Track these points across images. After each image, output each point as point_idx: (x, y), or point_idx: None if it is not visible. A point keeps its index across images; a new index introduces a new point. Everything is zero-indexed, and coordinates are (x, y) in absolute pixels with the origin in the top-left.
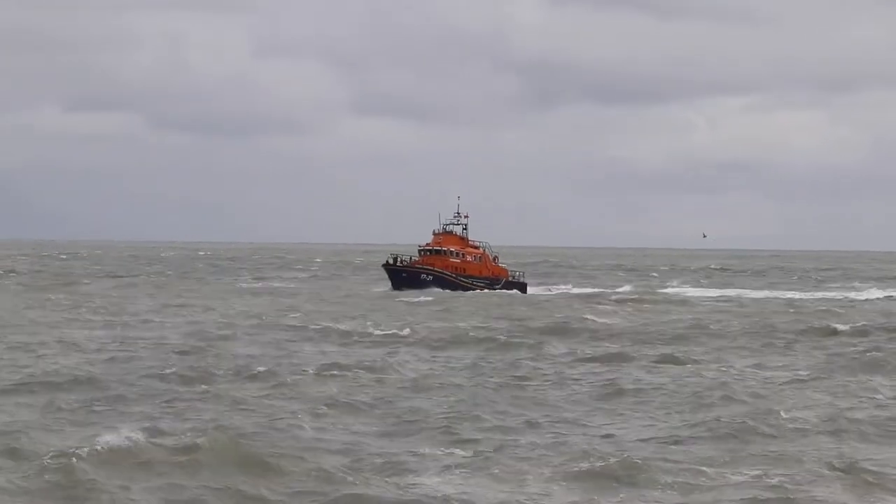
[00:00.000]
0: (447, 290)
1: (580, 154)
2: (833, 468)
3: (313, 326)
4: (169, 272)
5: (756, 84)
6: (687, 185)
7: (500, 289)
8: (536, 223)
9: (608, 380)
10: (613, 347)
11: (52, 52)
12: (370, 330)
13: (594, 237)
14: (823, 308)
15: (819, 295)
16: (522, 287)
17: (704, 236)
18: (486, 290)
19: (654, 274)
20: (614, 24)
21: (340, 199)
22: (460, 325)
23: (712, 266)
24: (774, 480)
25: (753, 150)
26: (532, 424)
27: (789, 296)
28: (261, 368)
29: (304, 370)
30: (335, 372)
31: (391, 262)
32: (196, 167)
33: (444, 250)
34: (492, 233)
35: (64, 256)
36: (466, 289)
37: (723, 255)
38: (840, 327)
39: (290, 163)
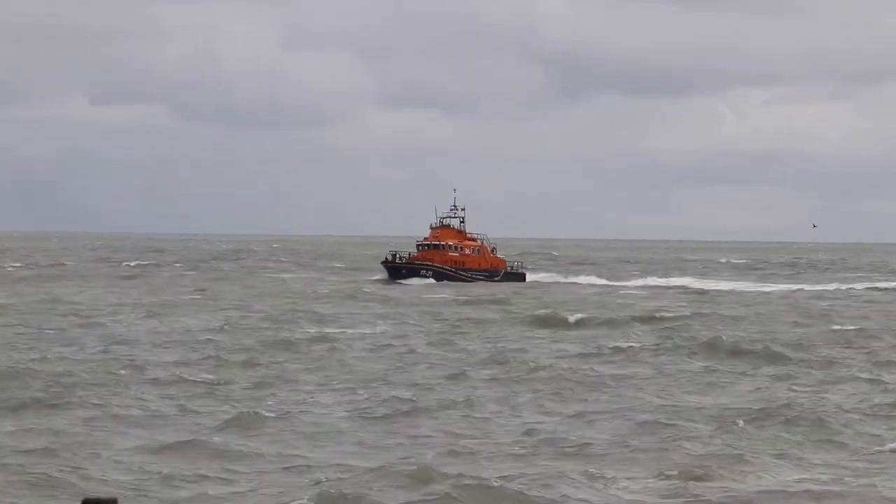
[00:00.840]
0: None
1: (606, 146)
2: None
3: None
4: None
5: (783, 76)
6: (712, 177)
7: (499, 280)
8: (560, 215)
9: None
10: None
11: (79, 44)
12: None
13: (618, 229)
14: None
15: None
16: (521, 277)
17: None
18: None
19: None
20: (641, 16)
21: (366, 190)
22: None
23: (731, 260)
24: None
25: (780, 141)
26: None
27: None
28: None
29: None
30: None
31: (390, 258)
32: (222, 159)
33: (443, 244)
34: (515, 225)
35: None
36: (465, 282)
37: (748, 248)
38: None
39: (316, 154)
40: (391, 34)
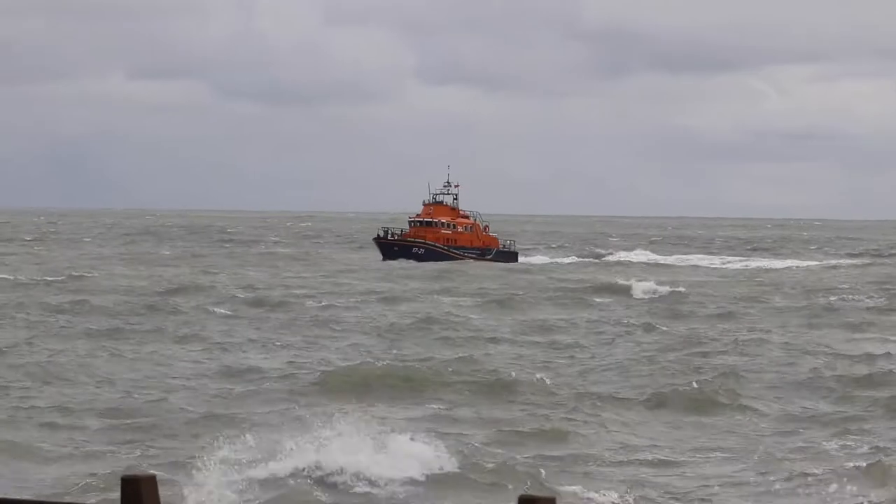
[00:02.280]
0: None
1: (647, 123)
2: None
3: None
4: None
5: (823, 52)
6: (754, 153)
7: (491, 259)
8: (598, 192)
9: None
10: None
11: (118, 20)
12: None
13: (659, 206)
14: None
15: None
16: (514, 256)
17: None
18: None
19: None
20: None
21: (406, 166)
22: None
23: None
24: None
25: (820, 118)
26: None
27: None
28: None
29: None
30: None
31: (381, 234)
32: (262, 135)
33: (435, 222)
34: (555, 201)
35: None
36: (457, 259)
37: (797, 226)
38: None
39: (357, 131)
40: (434, 10)
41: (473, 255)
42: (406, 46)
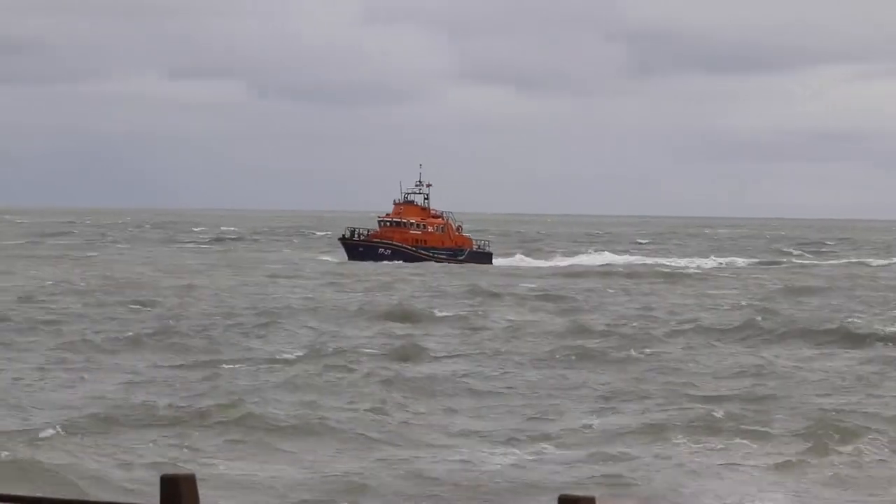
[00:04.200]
0: (408, 264)
1: (682, 123)
2: None
3: None
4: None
5: (860, 53)
6: (790, 153)
7: (463, 260)
8: (636, 192)
9: None
10: None
11: (158, 19)
12: None
13: (694, 206)
14: None
15: None
16: (488, 257)
17: None
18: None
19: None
20: None
21: (442, 166)
22: None
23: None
24: None
25: (857, 119)
26: None
27: None
28: None
29: None
30: None
31: (348, 235)
32: (298, 135)
33: (404, 222)
34: (588, 202)
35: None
36: (426, 261)
37: (826, 226)
38: None
39: (394, 130)
40: (470, 10)
41: (444, 257)
42: (443, 46)
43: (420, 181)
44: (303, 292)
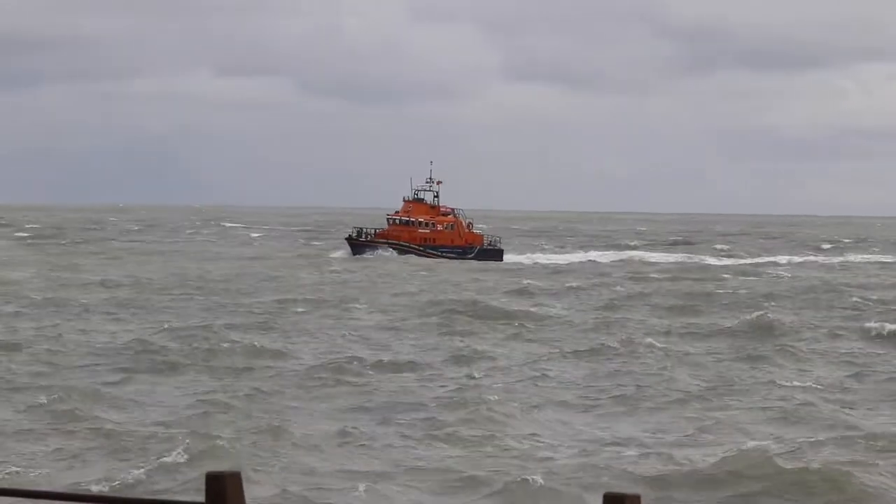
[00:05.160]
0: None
1: (729, 120)
2: None
3: None
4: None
5: None
6: (835, 152)
7: (472, 258)
8: (682, 189)
9: None
10: None
11: (205, 17)
12: None
13: (741, 203)
14: None
15: None
16: (498, 254)
17: None
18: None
19: None
20: None
21: (488, 164)
22: None
23: None
24: None
25: None
26: None
27: None
28: None
29: None
30: None
31: (354, 234)
32: (344, 133)
33: (413, 221)
34: (634, 199)
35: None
36: (433, 259)
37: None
38: None
39: (439, 128)
40: (517, 8)
41: (453, 255)
42: (490, 44)
43: (430, 178)
44: None
